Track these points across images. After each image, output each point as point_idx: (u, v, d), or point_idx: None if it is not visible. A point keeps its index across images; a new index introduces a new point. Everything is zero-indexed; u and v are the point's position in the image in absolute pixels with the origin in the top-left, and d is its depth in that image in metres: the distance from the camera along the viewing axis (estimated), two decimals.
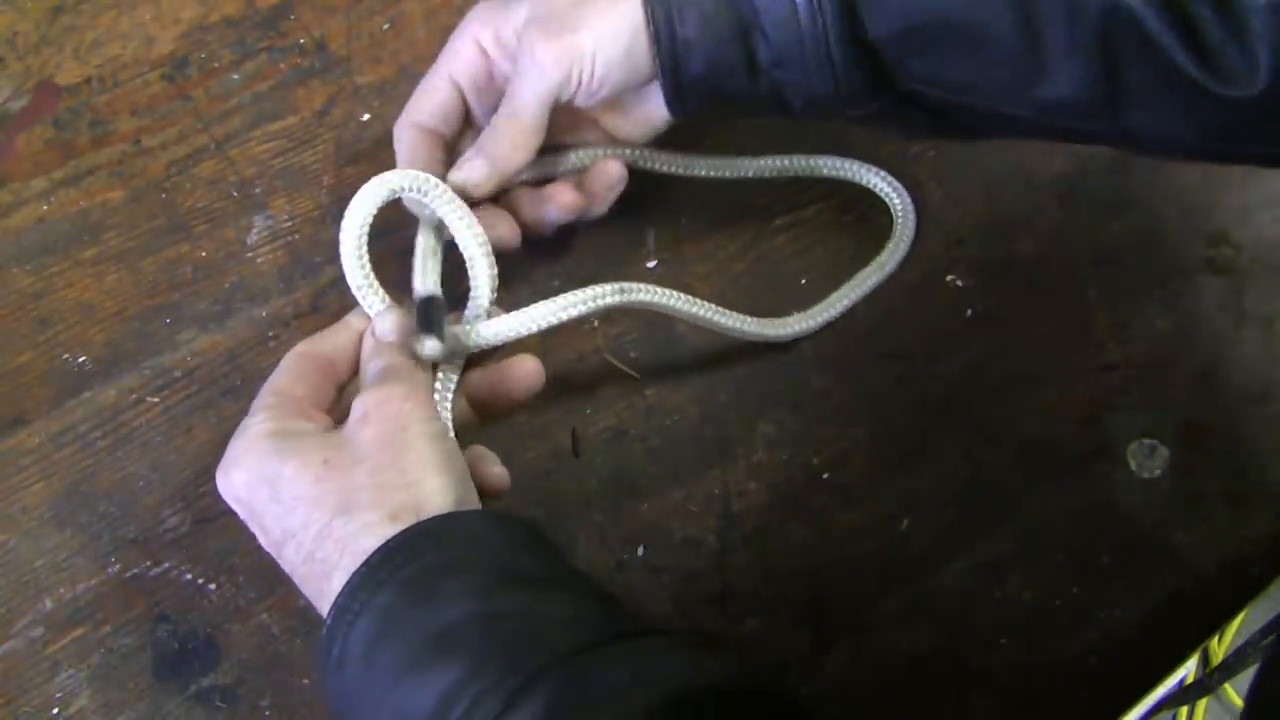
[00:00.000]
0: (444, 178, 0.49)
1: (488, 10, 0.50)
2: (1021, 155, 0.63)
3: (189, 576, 0.50)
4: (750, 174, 0.58)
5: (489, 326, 0.49)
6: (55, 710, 0.48)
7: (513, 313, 0.49)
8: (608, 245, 0.58)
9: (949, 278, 0.60)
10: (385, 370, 0.46)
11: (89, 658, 0.49)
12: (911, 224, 0.59)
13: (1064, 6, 0.44)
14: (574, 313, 0.49)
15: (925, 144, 0.62)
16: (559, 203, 0.51)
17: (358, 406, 0.44)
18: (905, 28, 0.46)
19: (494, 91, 0.51)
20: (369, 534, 0.40)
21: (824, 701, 0.52)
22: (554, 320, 0.49)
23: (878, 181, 0.59)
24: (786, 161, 0.58)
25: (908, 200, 0.59)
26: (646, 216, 0.59)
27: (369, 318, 0.49)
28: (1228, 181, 0.64)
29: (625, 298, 0.50)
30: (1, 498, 0.51)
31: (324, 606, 0.41)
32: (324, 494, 0.42)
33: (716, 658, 0.41)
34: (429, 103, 0.51)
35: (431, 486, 0.42)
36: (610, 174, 0.52)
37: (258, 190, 0.57)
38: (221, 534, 0.51)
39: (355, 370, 0.49)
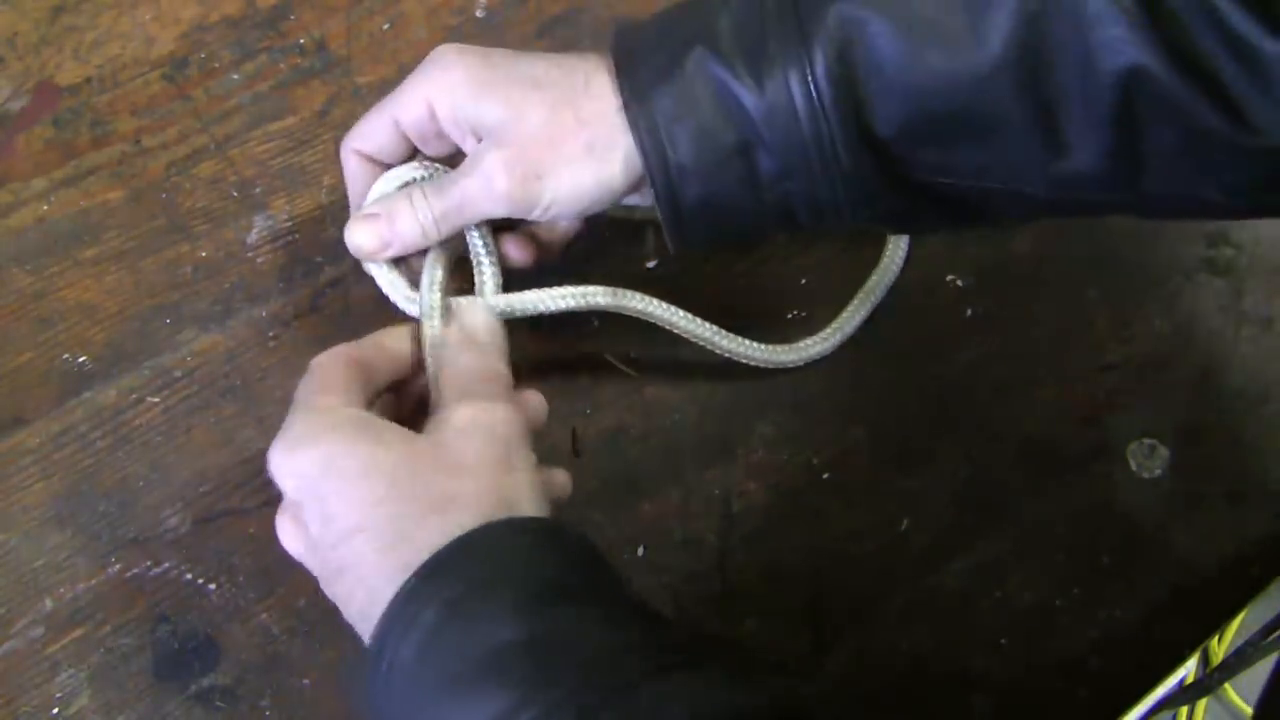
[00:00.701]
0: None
1: (445, 72, 0.46)
2: None
3: (189, 576, 0.50)
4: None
5: (476, 305, 0.49)
6: (55, 710, 0.48)
7: (504, 294, 0.49)
8: (608, 245, 0.58)
9: (949, 278, 0.60)
10: (485, 378, 0.45)
11: (89, 658, 0.49)
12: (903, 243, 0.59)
13: (1077, 82, 0.41)
14: (563, 304, 0.49)
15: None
16: (510, 257, 0.50)
17: (458, 413, 0.43)
18: (913, 123, 0.43)
19: (441, 143, 0.49)
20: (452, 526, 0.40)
21: (824, 701, 0.52)
22: (543, 308, 0.49)
23: None
24: None
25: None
26: (644, 221, 0.59)
27: (407, 323, 0.48)
28: None
29: (616, 300, 0.50)
30: (1, 498, 0.51)
31: (375, 609, 0.39)
32: (422, 491, 0.41)
33: (770, 684, 0.39)
34: (371, 138, 0.49)
35: (527, 511, 0.42)
36: (562, 228, 0.51)
37: (258, 190, 0.57)
38: (221, 534, 0.51)
39: (388, 382, 0.47)
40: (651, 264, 0.58)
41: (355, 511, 0.41)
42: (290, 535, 0.44)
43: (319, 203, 0.57)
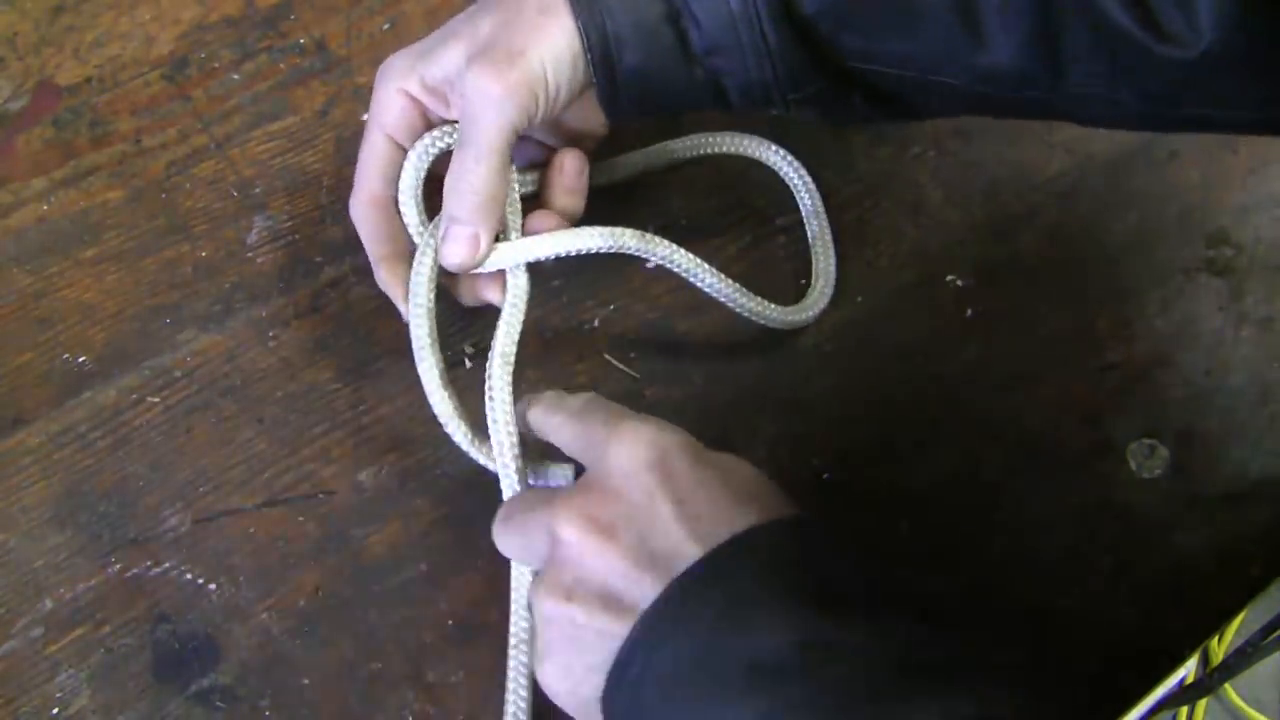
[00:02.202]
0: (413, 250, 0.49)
1: (402, 60, 0.48)
2: (1021, 155, 0.63)
3: (189, 576, 0.50)
4: (641, 168, 0.57)
5: (506, 248, 0.49)
6: (55, 710, 0.48)
7: (529, 236, 0.49)
8: None
9: (949, 278, 0.60)
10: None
11: (89, 658, 0.49)
12: (813, 192, 0.59)
13: None
14: (592, 244, 0.49)
15: (928, 143, 0.62)
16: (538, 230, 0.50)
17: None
18: (837, 2, 0.45)
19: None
20: (736, 523, 0.39)
21: None
22: (572, 248, 0.49)
23: (770, 155, 0.59)
24: (679, 144, 0.58)
25: (803, 172, 0.59)
26: (647, 216, 0.59)
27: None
28: (1228, 181, 0.64)
29: (644, 244, 0.50)
30: (1, 498, 0.51)
31: (639, 601, 0.38)
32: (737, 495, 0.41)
33: (1061, 694, 0.38)
34: (373, 170, 0.49)
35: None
36: (569, 166, 0.51)
37: (258, 190, 0.57)
38: (221, 534, 0.51)
39: None
40: (651, 264, 0.58)
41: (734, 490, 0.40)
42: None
43: (319, 203, 0.57)
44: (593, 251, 0.49)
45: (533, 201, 0.51)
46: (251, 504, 0.52)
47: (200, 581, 0.50)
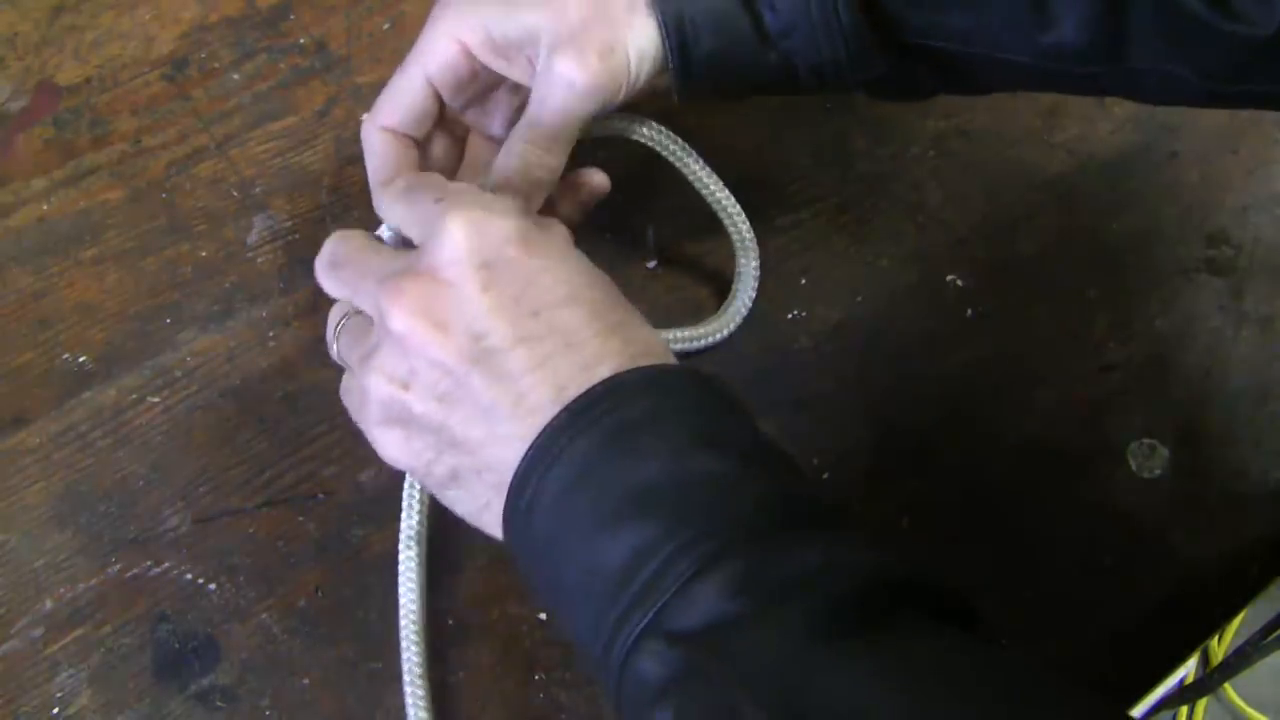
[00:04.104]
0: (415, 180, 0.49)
1: (467, 8, 0.48)
2: (1021, 155, 0.63)
3: (189, 576, 0.50)
4: None
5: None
6: (55, 710, 0.48)
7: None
8: (607, 244, 0.58)
9: (949, 278, 0.60)
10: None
11: (89, 658, 0.49)
12: (695, 159, 0.55)
13: None
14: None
15: (928, 143, 0.62)
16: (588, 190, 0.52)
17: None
18: None
19: (476, 89, 0.50)
20: (611, 361, 0.39)
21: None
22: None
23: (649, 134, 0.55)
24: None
25: (679, 142, 0.56)
26: (646, 216, 0.59)
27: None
28: (1228, 181, 0.64)
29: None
30: (1, 498, 0.51)
31: (516, 434, 0.39)
32: (607, 307, 0.41)
33: (906, 560, 0.39)
34: (401, 105, 0.49)
35: (657, 341, 0.42)
36: (594, 188, 0.52)
37: (258, 190, 0.57)
38: (221, 534, 0.51)
39: None
40: (651, 264, 0.58)
41: (536, 314, 0.40)
42: (423, 309, 0.40)
43: (319, 203, 0.57)
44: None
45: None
46: (251, 504, 0.52)
47: (200, 581, 0.50)
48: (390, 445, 0.43)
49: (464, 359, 0.39)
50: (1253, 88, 0.46)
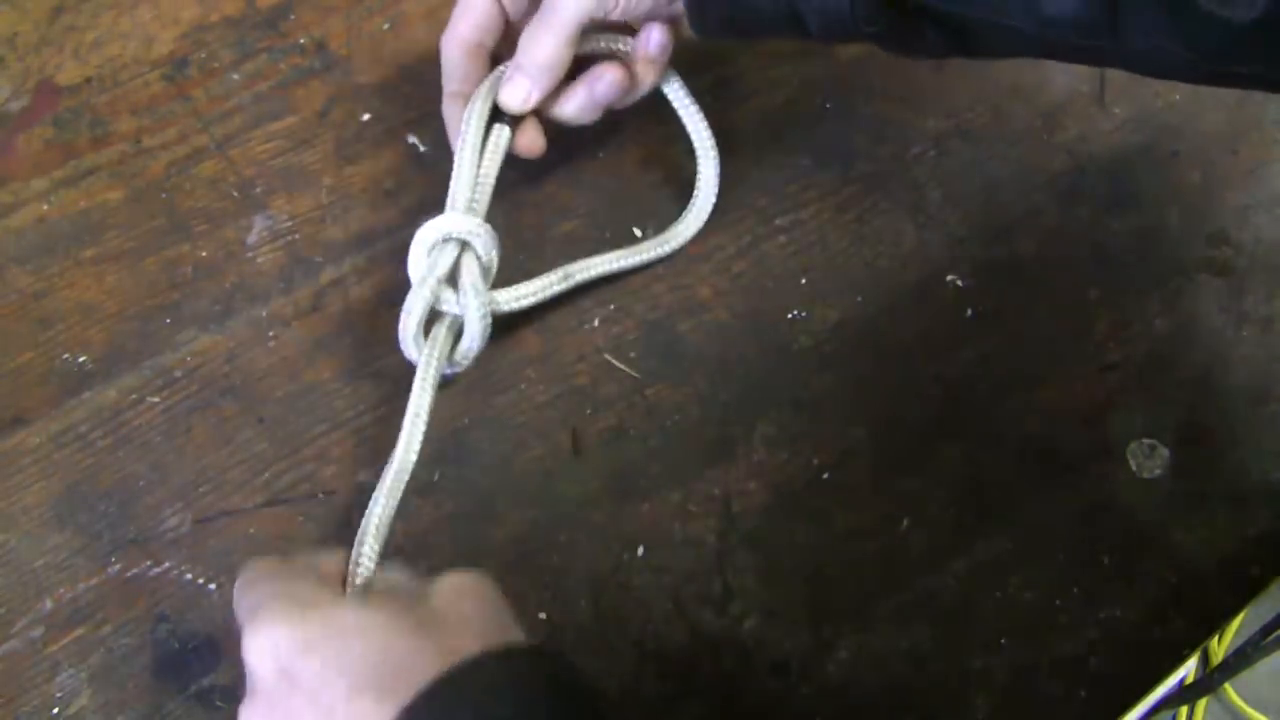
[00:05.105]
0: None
1: None
2: (1021, 155, 0.63)
3: (189, 576, 0.50)
4: None
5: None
6: (55, 710, 0.48)
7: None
8: (607, 245, 0.58)
9: (949, 278, 0.60)
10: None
11: (89, 658, 0.49)
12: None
13: None
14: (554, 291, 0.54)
15: (928, 143, 0.62)
16: (607, 80, 0.54)
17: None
18: None
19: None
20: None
21: (824, 701, 0.52)
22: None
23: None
24: None
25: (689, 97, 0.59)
26: (646, 216, 0.59)
27: None
28: (1228, 181, 0.64)
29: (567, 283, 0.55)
30: (1, 498, 0.51)
31: None
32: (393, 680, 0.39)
33: None
34: (471, 19, 0.54)
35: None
36: (655, 38, 0.54)
37: (258, 190, 0.57)
38: (221, 534, 0.51)
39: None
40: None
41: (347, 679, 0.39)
42: None
43: (319, 203, 0.57)
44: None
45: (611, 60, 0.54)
46: (251, 504, 0.52)
47: (200, 581, 0.50)
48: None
49: None
50: (1239, 69, 0.47)
